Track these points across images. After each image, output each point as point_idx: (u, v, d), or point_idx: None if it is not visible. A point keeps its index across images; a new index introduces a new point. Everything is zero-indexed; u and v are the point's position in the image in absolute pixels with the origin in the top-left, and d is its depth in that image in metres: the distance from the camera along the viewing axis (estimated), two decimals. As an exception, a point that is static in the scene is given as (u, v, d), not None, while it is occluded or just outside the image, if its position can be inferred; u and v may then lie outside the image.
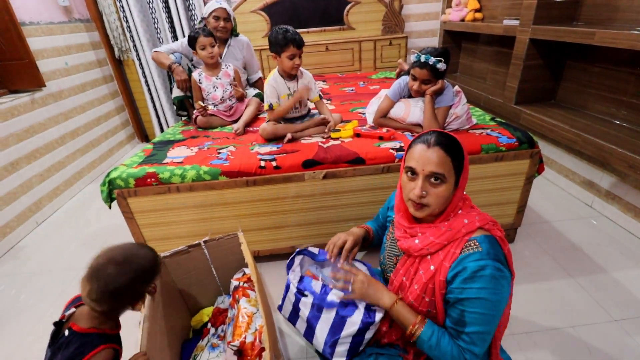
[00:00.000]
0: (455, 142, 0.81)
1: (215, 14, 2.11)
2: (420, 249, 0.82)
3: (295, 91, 1.70)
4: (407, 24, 3.24)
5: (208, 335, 1.19)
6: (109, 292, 0.72)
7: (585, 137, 1.76)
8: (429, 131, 0.84)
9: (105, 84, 3.16)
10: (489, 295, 0.73)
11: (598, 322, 1.30)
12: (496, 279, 0.74)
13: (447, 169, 0.78)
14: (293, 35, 1.53)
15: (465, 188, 0.84)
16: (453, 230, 0.80)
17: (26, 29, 2.27)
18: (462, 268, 0.76)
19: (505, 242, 0.81)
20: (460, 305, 0.76)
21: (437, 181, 0.79)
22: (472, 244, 0.77)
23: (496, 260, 0.75)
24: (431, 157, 0.79)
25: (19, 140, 2.15)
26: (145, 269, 0.79)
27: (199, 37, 1.90)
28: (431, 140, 0.80)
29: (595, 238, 1.74)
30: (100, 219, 2.24)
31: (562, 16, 2.03)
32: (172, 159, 1.57)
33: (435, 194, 0.79)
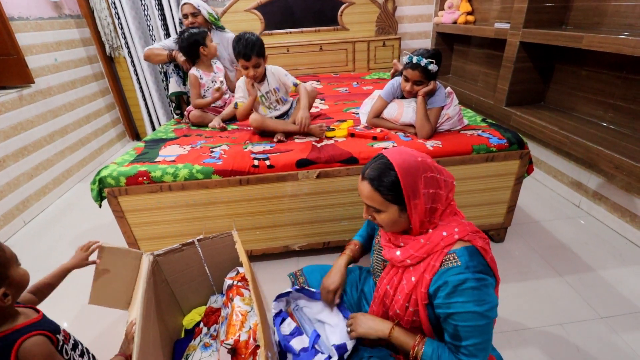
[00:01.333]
0: (389, 175, 0.78)
1: (183, 13, 2.13)
2: (401, 261, 0.84)
3: (269, 92, 1.72)
4: (401, 25, 3.26)
5: (200, 334, 1.18)
6: None
7: (574, 139, 1.80)
8: (374, 157, 0.84)
9: (96, 81, 3.11)
10: (475, 307, 0.74)
11: (586, 320, 1.33)
12: (479, 289, 0.74)
13: (377, 202, 0.81)
14: (241, 47, 1.52)
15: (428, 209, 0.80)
16: (431, 244, 0.80)
17: (15, 24, 2.22)
18: (443, 282, 0.77)
19: (488, 250, 0.81)
20: (452, 320, 0.77)
21: (375, 210, 0.83)
22: (451, 258, 0.78)
23: (476, 272, 0.75)
24: (362, 191, 0.83)
25: (6, 138, 2.11)
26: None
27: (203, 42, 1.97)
28: (365, 172, 0.83)
29: (583, 237, 1.78)
30: (89, 218, 2.20)
31: (551, 20, 2.07)
32: (164, 158, 1.55)
33: (380, 219, 0.84)
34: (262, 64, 1.61)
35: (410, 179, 0.78)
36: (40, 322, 0.76)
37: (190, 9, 2.10)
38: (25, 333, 0.70)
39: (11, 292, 0.70)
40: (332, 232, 1.63)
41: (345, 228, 1.62)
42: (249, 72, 1.60)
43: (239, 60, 1.57)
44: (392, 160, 0.79)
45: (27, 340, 0.69)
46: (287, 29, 3.11)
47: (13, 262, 0.73)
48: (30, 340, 0.69)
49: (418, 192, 0.78)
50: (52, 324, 0.80)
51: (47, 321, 0.79)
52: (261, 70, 1.62)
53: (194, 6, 2.12)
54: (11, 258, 0.73)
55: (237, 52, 1.55)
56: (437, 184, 0.80)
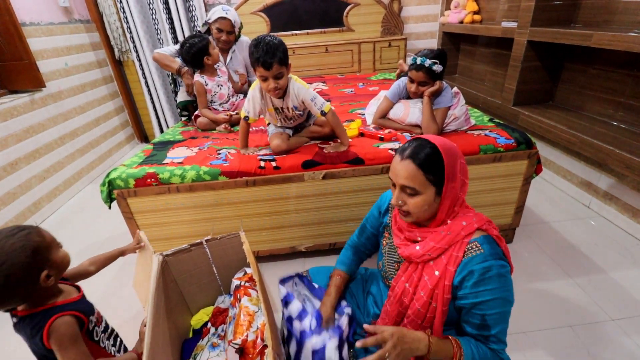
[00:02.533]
0: (432, 155, 0.78)
1: (218, 26, 2.08)
2: (422, 255, 0.82)
3: (283, 107, 1.46)
4: (406, 25, 3.26)
5: (208, 334, 1.19)
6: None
7: (583, 138, 1.78)
8: (412, 139, 0.83)
9: (105, 84, 3.16)
10: (502, 293, 0.75)
11: (596, 322, 1.31)
12: (503, 276, 0.76)
13: (418, 182, 0.78)
14: (260, 53, 1.24)
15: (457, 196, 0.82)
16: (452, 234, 0.80)
17: (26, 30, 2.27)
18: (469, 272, 0.76)
19: (502, 239, 0.83)
20: (478, 310, 0.76)
21: (410, 193, 0.80)
22: (474, 246, 0.78)
23: (498, 259, 0.76)
24: (402, 171, 0.79)
25: (19, 141, 2.16)
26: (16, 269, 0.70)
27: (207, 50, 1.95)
28: (405, 152, 0.80)
29: (593, 238, 1.75)
30: (99, 220, 2.24)
31: (560, 18, 2.05)
32: (172, 160, 1.57)
33: (413, 204, 0.81)
34: (284, 74, 1.32)
35: (452, 160, 0.78)
36: (76, 302, 0.83)
37: (228, 26, 2.06)
38: (61, 311, 0.77)
39: (53, 274, 0.76)
40: (338, 233, 1.63)
41: (351, 229, 1.61)
42: (269, 84, 1.30)
43: (257, 68, 1.28)
44: (434, 142, 0.79)
45: (59, 318, 0.76)
46: (293, 31, 3.12)
47: (54, 246, 0.79)
48: (61, 319, 0.76)
49: (455, 176, 0.79)
50: (87, 305, 0.86)
51: (83, 302, 0.86)
52: (283, 83, 1.32)
53: (232, 24, 2.08)
54: (52, 242, 0.79)
55: (256, 59, 1.26)
56: (466, 172, 0.82)
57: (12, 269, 0.69)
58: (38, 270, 0.73)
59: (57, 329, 0.75)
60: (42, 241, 0.75)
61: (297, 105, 1.47)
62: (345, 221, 1.60)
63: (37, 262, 0.73)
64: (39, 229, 0.78)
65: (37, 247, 0.73)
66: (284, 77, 1.33)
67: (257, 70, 1.30)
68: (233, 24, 2.12)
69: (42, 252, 0.75)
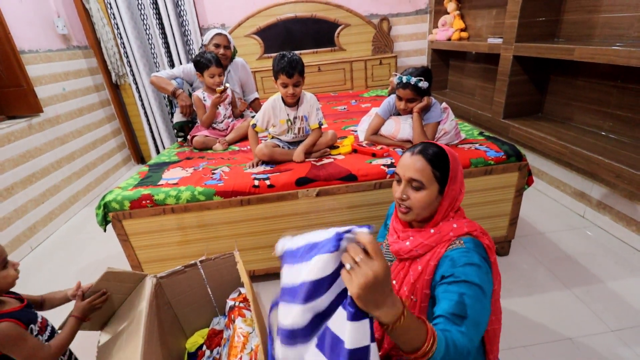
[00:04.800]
0: (440, 154, 0.85)
1: (215, 42, 2.17)
2: (410, 250, 0.85)
3: (296, 118, 1.66)
4: (396, 43, 3.35)
5: (203, 358, 1.17)
6: None
7: (573, 149, 1.81)
8: (422, 142, 0.89)
9: (102, 108, 3.21)
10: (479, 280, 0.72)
11: (596, 333, 1.30)
12: (480, 267, 0.75)
13: (426, 176, 0.83)
14: (285, 64, 1.48)
15: (455, 199, 0.87)
16: (441, 233, 0.83)
17: (25, 57, 2.32)
18: (449, 260, 0.78)
19: (492, 251, 0.83)
20: (456, 287, 0.72)
21: (416, 186, 0.84)
22: (457, 242, 0.81)
23: (480, 257, 0.77)
24: (412, 164, 0.85)
25: (15, 165, 2.17)
26: None
27: (211, 66, 1.99)
28: (417, 149, 0.87)
29: (589, 248, 1.75)
30: (94, 242, 2.22)
31: (543, 33, 2.12)
32: (167, 181, 1.58)
33: (416, 198, 0.84)
34: (301, 83, 1.57)
35: (456, 164, 0.86)
36: (17, 311, 0.84)
37: (225, 41, 2.19)
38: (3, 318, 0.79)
39: None
40: (334, 250, 1.63)
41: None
42: (288, 90, 1.53)
43: (280, 76, 1.51)
44: (440, 145, 0.87)
45: None
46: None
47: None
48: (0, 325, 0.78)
49: (457, 179, 0.86)
50: (28, 314, 0.87)
51: (25, 312, 0.87)
52: (299, 91, 1.58)
53: (228, 39, 2.22)
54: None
55: (280, 68, 1.49)
56: (463, 182, 0.88)
57: None
58: None
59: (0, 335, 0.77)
60: None
61: (307, 114, 1.67)
62: (340, 237, 1.60)
63: None
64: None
65: None
66: (300, 86, 1.57)
67: (279, 78, 1.52)
68: (229, 39, 2.22)
69: None
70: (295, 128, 1.70)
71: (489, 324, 0.86)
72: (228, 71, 2.31)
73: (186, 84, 2.28)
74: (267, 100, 1.67)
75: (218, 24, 3.18)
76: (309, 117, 1.68)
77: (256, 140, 1.71)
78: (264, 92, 3.17)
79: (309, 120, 1.69)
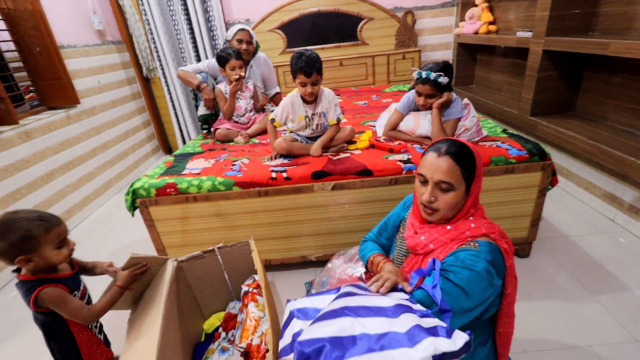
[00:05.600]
0: (466, 151, 0.83)
1: (238, 37, 2.23)
2: (425, 245, 0.85)
3: (314, 114, 1.68)
4: (421, 37, 3.28)
5: (219, 339, 1.24)
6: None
7: (605, 149, 1.72)
8: (443, 139, 0.87)
9: (134, 100, 3.37)
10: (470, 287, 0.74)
11: (618, 342, 1.25)
12: (482, 278, 0.74)
13: (455, 178, 0.81)
14: (303, 64, 1.48)
15: (478, 196, 0.86)
16: (457, 231, 0.82)
17: (64, 52, 2.48)
18: (455, 253, 0.78)
19: (510, 256, 0.81)
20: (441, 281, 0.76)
21: (445, 188, 0.82)
22: (471, 244, 0.80)
23: (490, 264, 0.75)
24: (440, 166, 0.82)
25: (55, 153, 2.34)
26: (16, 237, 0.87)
27: (231, 59, 2.04)
28: (442, 149, 0.83)
29: (618, 254, 1.67)
30: (124, 226, 2.36)
31: (576, 27, 2.01)
32: (191, 170, 1.66)
33: (444, 200, 0.83)
34: (320, 81, 1.57)
35: (480, 160, 0.85)
36: (64, 278, 0.98)
37: (247, 36, 2.25)
38: (48, 283, 0.93)
39: (38, 263, 0.92)
40: (347, 244, 1.64)
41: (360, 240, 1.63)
42: (307, 89, 1.54)
43: (298, 76, 1.52)
44: (462, 141, 0.85)
45: (45, 289, 0.92)
46: (308, 47, 3.22)
47: (48, 244, 0.91)
48: (47, 289, 0.92)
49: (480, 176, 0.85)
50: (74, 282, 1.01)
51: (72, 278, 1.01)
52: (318, 89, 1.58)
53: (251, 34, 2.28)
54: (47, 241, 0.91)
55: (298, 68, 1.50)
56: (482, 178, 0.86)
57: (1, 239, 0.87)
58: (23, 252, 0.88)
59: (46, 296, 0.92)
60: (37, 235, 0.89)
61: (325, 110, 1.68)
62: (355, 232, 1.62)
63: (23, 246, 0.88)
64: (52, 227, 0.92)
65: (28, 237, 0.88)
66: (319, 84, 1.58)
67: (298, 77, 1.53)
68: (251, 34, 2.27)
69: (30, 243, 0.88)
70: (314, 124, 1.72)
71: (501, 327, 0.86)
72: (250, 66, 2.36)
73: (210, 78, 2.36)
74: (287, 95, 1.71)
75: (243, 19, 3.25)
76: (327, 113, 1.70)
77: (275, 134, 1.74)
78: (285, 86, 3.21)
79: (327, 116, 1.70)
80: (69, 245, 0.97)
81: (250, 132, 2.15)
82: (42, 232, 0.90)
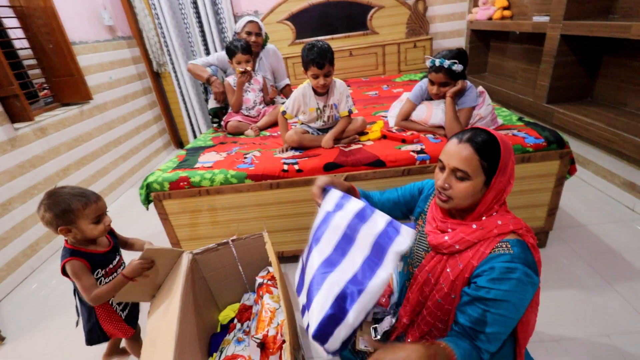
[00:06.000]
0: (491, 142, 0.78)
1: (247, 29, 2.21)
2: (450, 246, 0.81)
3: (325, 106, 1.67)
4: (432, 25, 3.21)
5: (234, 330, 1.26)
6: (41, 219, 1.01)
7: (624, 136, 1.66)
8: (472, 128, 0.82)
9: (144, 95, 3.40)
10: (515, 298, 0.72)
11: (637, 332, 1.22)
12: (524, 283, 0.73)
13: (472, 167, 0.77)
14: (314, 55, 1.47)
15: (503, 190, 0.80)
16: (485, 230, 0.78)
17: (76, 48, 2.51)
18: (490, 268, 0.75)
19: (537, 249, 0.79)
20: (483, 305, 0.74)
21: (460, 177, 0.79)
22: (503, 246, 0.76)
23: (526, 265, 0.73)
24: (458, 153, 0.78)
25: (69, 149, 2.38)
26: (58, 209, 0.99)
27: (238, 52, 2.03)
28: (464, 136, 0.80)
29: (637, 243, 1.63)
30: (139, 220, 2.41)
31: (596, 10, 1.93)
32: (203, 164, 1.67)
33: (458, 189, 0.79)
34: (332, 73, 1.56)
35: (507, 155, 0.78)
36: (94, 254, 1.08)
37: (256, 28, 2.23)
38: (77, 256, 1.04)
39: (75, 233, 1.03)
40: (360, 235, 1.65)
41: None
42: (319, 81, 1.52)
43: (310, 68, 1.50)
44: (493, 133, 0.79)
45: (72, 260, 1.04)
46: (317, 37, 3.18)
47: (84, 217, 1.02)
48: (72, 261, 1.04)
49: (506, 171, 0.79)
50: (102, 260, 1.10)
51: (101, 256, 1.10)
52: (330, 80, 1.57)
53: (260, 26, 2.25)
54: (85, 215, 1.02)
55: (310, 60, 1.48)
56: (513, 174, 0.81)
57: (48, 210, 0.99)
58: (64, 223, 1.00)
59: (69, 267, 1.03)
60: (76, 209, 1.00)
61: (337, 102, 1.66)
62: (367, 223, 1.61)
63: (64, 218, 1.00)
64: (90, 203, 1.02)
65: (68, 210, 0.99)
66: (331, 76, 1.56)
67: (310, 69, 1.51)
68: (260, 26, 2.25)
69: (70, 215, 1.00)
70: (325, 116, 1.71)
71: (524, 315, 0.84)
72: (260, 58, 2.35)
73: (220, 72, 2.36)
74: (297, 87, 1.69)
75: (252, 11, 3.22)
76: (339, 105, 1.68)
77: (286, 126, 1.74)
78: (295, 78, 3.19)
79: (338, 108, 1.69)
80: (105, 222, 1.06)
81: (260, 124, 2.15)
82: (80, 206, 1.00)
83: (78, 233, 1.03)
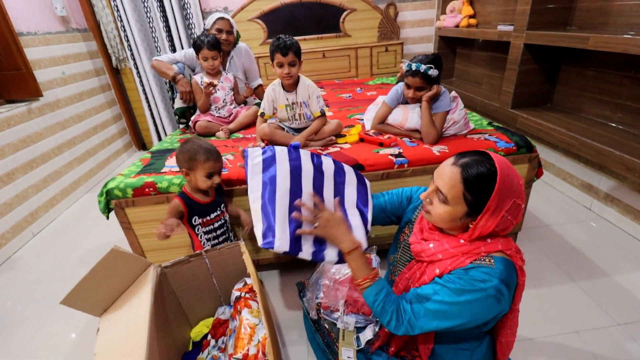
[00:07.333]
0: (486, 178, 0.71)
1: (218, 26, 2.10)
2: (432, 254, 0.80)
3: (294, 103, 1.65)
4: (403, 30, 3.27)
5: (208, 347, 1.17)
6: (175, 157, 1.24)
7: (582, 140, 1.77)
8: (482, 152, 0.76)
9: (102, 92, 3.16)
10: (473, 306, 0.72)
11: (602, 327, 1.29)
12: (490, 297, 0.71)
13: (452, 194, 0.74)
14: (280, 43, 1.48)
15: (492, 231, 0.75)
16: (471, 246, 0.76)
17: (23, 39, 2.26)
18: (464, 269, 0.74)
19: (524, 273, 0.78)
20: (438, 287, 0.75)
21: (441, 199, 0.77)
22: (486, 259, 0.74)
23: (503, 282, 0.71)
24: (445, 174, 0.76)
25: (15, 151, 2.14)
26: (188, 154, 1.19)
27: (203, 48, 1.92)
28: (461, 160, 0.75)
29: (596, 241, 1.74)
30: (97, 228, 2.21)
31: (555, 21, 2.06)
32: (170, 168, 1.56)
33: (436, 209, 0.78)
34: (297, 64, 1.54)
35: (503, 196, 0.71)
36: (197, 203, 1.26)
37: (227, 25, 2.12)
38: (183, 198, 1.24)
39: (190, 178, 1.23)
40: (339, 240, 1.61)
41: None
42: (284, 69, 1.51)
43: (276, 56, 1.49)
44: (498, 168, 0.71)
45: (175, 199, 1.24)
46: (290, 37, 3.12)
47: (201, 169, 1.19)
48: (177, 201, 1.24)
49: (499, 213, 0.72)
50: (201, 209, 1.27)
51: (205, 206, 1.27)
52: (295, 71, 1.54)
53: (231, 24, 2.15)
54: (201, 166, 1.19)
55: (276, 47, 1.48)
56: (516, 214, 0.74)
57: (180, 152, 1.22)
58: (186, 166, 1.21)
59: (171, 203, 1.24)
60: (197, 159, 1.18)
61: (306, 100, 1.65)
62: (345, 228, 1.58)
63: (188, 163, 1.20)
64: (209, 159, 1.20)
65: (192, 158, 1.19)
66: (296, 67, 1.55)
67: (275, 57, 1.51)
68: (231, 23, 2.15)
69: (192, 162, 1.19)
70: (295, 113, 1.68)
71: (503, 337, 0.84)
72: (231, 57, 2.25)
73: (188, 69, 2.23)
74: (268, 86, 1.66)
75: (221, 8, 3.10)
76: (309, 104, 1.65)
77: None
78: (267, 78, 3.11)
79: (309, 107, 1.66)
80: (214, 180, 1.22)
81: (232, 127, 2.05)
82: (201, 158, 1.18)
83: (192, 179, 1.21)
